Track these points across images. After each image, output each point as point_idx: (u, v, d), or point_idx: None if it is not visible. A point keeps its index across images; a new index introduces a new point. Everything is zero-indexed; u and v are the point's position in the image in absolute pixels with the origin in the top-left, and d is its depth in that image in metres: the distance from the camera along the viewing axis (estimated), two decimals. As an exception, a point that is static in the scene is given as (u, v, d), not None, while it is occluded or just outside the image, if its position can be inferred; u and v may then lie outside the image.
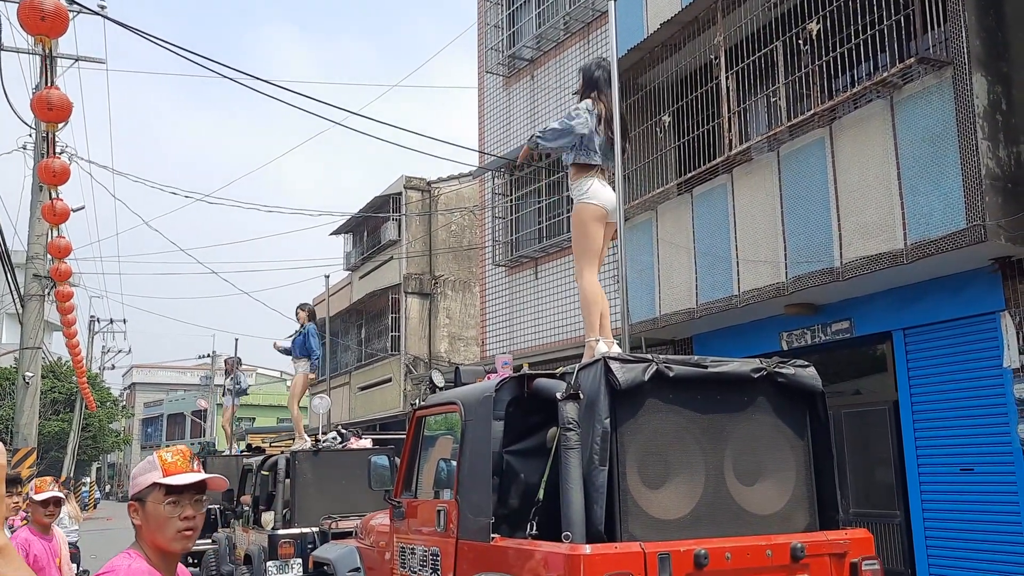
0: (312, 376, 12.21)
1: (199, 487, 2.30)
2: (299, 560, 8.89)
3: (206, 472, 2.36)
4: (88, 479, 47.75)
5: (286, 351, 12.39)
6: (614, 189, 5.55)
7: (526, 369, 4.99)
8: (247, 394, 19.86)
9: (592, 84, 5.57)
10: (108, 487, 68.77)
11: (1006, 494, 7.61)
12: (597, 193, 5.36)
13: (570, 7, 13.72)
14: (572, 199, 5.53)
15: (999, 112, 7.26)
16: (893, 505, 8.77)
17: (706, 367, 4.44)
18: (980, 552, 7.74)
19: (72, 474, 34.61)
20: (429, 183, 22.58)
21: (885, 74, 7.71)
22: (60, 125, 9.61)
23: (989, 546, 7.68)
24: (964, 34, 7.23)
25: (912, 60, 7.46)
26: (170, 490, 2.25)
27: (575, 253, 5.47)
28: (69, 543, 13.69)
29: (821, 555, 4.32)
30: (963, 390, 8.05)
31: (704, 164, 9.82)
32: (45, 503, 5.28)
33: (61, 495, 5.60)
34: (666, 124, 10.46)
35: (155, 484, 2.25)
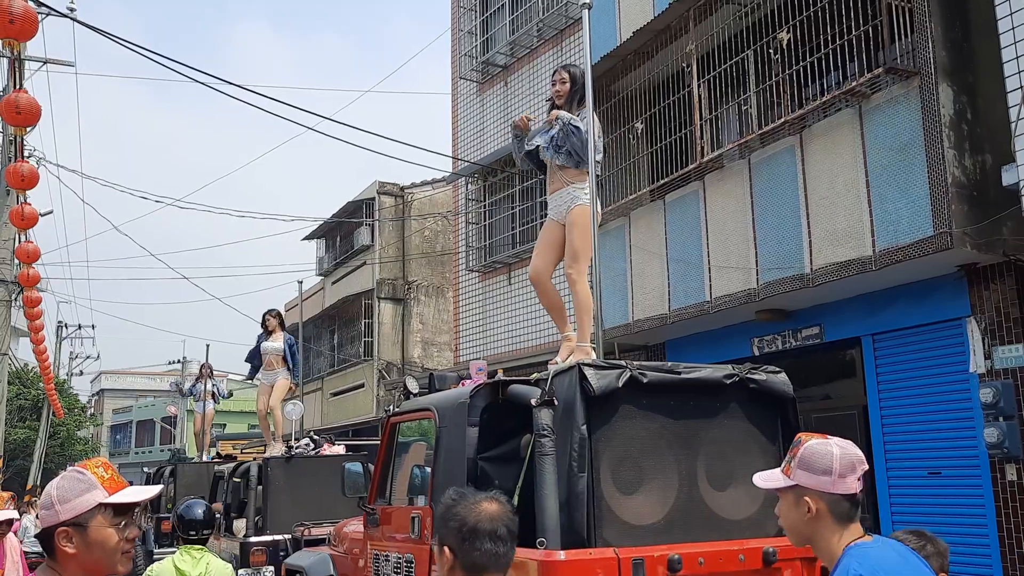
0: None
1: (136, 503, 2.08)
2: (271, 568, 8.83)
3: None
4: (55, 487, 46.95)
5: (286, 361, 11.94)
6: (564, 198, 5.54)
7: (501, 375, 5.01)
8: (227, 398, 19.63)
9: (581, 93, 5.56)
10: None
11: (973, 496, 7.73)
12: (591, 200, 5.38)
13: (543, 14, 13.77)
14: (576, 200, 5.39)
15: (965, 122, 7.40)
16: (862, 508, 8.87)
17: (679, 373, 4.48)
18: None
19: (39, 482, 34.06)
20: (403, 188, 22.54)
21: (854, 83, 7.83)
22: (28, 129, 9.50)
23: (956, 548, 7.77)
24: (931, 45, 7.35)
25: (880, 70, 7.57)
26: (118, 510, 2.03)
27: (582, 254, 5.34)
28: (36, 553, 13.48)
29: (793, 559, 4.37)
30: (930, 395, 8.17)
31: (676, 171, 9.90)
32: None
33: (16, 515, 5.30)
34: (639, 131, 10.53)
35: (100, 505, 2.00)
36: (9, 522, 5.10)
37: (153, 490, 2.17)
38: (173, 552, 5.00)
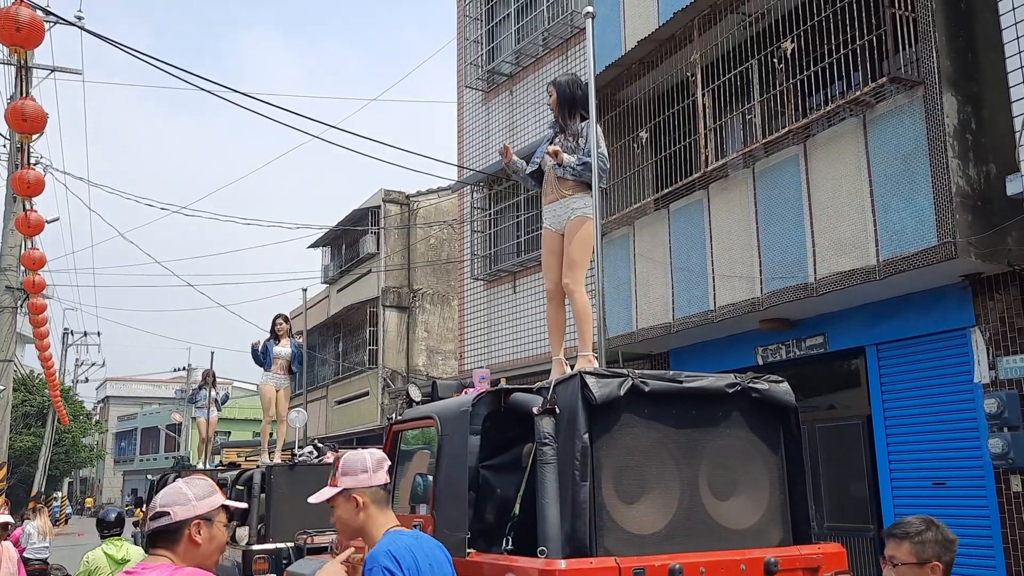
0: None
1: None
2: (274, 575, 8.82)
3: None
4: (59, 494, 47.11)
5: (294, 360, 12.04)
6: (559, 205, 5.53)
7: (503, 384, 5.00)
8: (224, 403, 19.66)
9: (582, 103, 5.55)
10: (80, 503, 67.78)
11: (977, 507, 7.70)
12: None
13: (549, 23, 13.81)
14: (574, 211, 5.34)
15: (969, 131, 7.39)
16: (866, 519, 8.84)
17: (681, 382, 4.46)
18: (952, 565, 7.80)
19: (43, 489, 34.10)
20: (408, 196, 22.59)
21: (858, 93, 7.83)
22: (35, 136, 9.55)
23: (960, 558, 7.75)
24: (935, 54, 7.36)
25: (884, 79, 7.57)
26: (228, 514, 2.44)
27: (581, 264, 5.34)
28: (39, 559, 13.50)
29: (795, 569, 4.35)
30: (935, 405, 8.15)
31: (681, 180, 9.91)
32: None
33: (11, 520, 5.41)
34: (643, 140, 10.54)
35: (222, 506, 2.41)
36: (4, 526, 5.11)
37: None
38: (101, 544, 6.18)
